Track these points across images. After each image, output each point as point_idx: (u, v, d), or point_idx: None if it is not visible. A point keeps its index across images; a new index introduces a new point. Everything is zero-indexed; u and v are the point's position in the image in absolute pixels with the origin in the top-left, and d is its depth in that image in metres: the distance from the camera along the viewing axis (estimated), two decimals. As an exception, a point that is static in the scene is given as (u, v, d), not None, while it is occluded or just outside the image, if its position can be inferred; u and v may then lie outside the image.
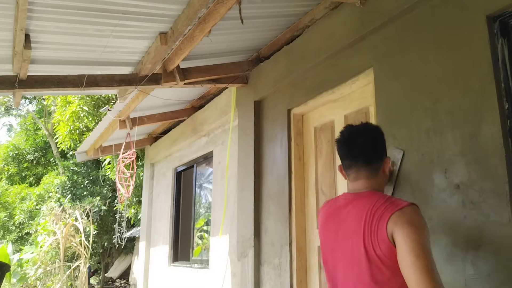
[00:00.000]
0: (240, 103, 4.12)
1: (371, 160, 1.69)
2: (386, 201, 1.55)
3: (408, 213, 1.48)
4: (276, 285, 3.31)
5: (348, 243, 1.60)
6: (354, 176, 1.72)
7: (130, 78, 3.50)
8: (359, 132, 1.75)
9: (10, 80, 3.16)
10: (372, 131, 1.77)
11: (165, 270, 6.07)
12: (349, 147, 1.74)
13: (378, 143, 1.75)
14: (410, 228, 1.43)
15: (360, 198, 1.64)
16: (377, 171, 1.70)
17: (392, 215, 1.48)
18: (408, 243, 1.41)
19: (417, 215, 1.49)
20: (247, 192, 3.78)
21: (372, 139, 1.73)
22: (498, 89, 1.89)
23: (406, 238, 1.42)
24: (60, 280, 8.07)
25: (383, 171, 1.72)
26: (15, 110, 20.46)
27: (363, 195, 1.65)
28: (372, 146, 1.72)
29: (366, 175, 1.69)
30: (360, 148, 1.71)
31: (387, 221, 1.48)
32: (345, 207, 1.68)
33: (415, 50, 2.29)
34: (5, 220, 15.27)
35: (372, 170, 1.69)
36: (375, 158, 1.70)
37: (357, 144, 1.71)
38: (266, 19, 3.14)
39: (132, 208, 9.48)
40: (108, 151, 6.47)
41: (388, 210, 1.50)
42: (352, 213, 1.63)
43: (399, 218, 1.46)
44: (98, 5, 2.52)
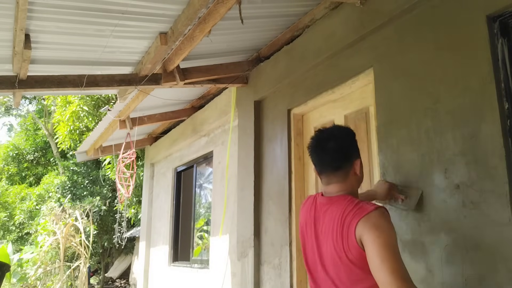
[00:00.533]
0: (240, 103, 4.12)
1: (340, 166, 1.73)
2: (355, 207, 1.60)
3: (373, 218, 1.53)
4: (276, 285, 3.31)
5: (324, 245, 1.68)
6: (326, 180, 1.77)
7: (130, 78, 3.50)
8: (327, 138, 1.78)
9: (10, 80, 3.16)
10: (341, 135, 1.79)
11: (165, 270, 6.07)
12: (318, 154, 1.78)
13: (347, 147, 1.77)
14: (375, 232, 1.49)
15: (332, 202, 1.70)
16: (347, 175, 1.73)
17: (359, 221, 1.54)
18: (374, 246, 1.47)
19: (382, 218, 1.54)
20: (247, 192, 3.78)
21: (341, 144, 1.76)
22: (498, 89, 1.89)
23: (373, 242, 1.48)
24: (60, 280, 8.07)
25: (354, 173, 1.75)
26: (15, 110, 20.47)
27: (335, 199, 1.71)
28: (340, 151, 1.75)
29: (337, 180, 1.73)
30: (328, 155, 1.75)
31: (355, 227, 1.54)
32: (321, 210, 1.75)
33: (415, 50, 2.29)
34: (5, 220, 15.27)
35: (342, 175, 1.73)
36: (344, 162, 1.74)
37: (325, 150, 1.76)
38: (266, 19, 3.14)
39: (132, 208, 9.48)
40: (108, 151, 6.47)
41: (356, 216, 1.56)
42: (327, 218, 1.70)
43: (365, 224, 1.52)
44: (98, 5, 2.52)
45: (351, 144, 1.80)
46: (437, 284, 2.02)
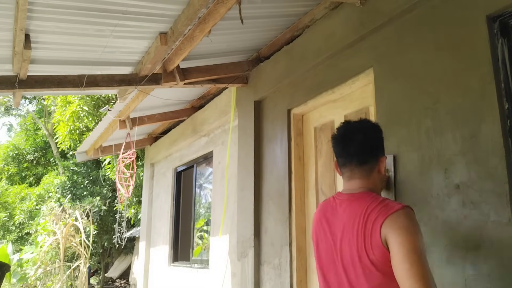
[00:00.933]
0: (240, 103, 4.12)
1: (366, 160, 1.66)
2: (380, 204, 1.52)
3: (401, 218, 1.45)
4: (276, 285, 3.31)
5: (343, 245, 1.58)
6: (348, 175, 1.69)
7: (130, 78, 3.50)
8: (356, 130, 1.71)
9: (10, 80, 3.16)
10: (369, 129, 1.73)
11: (165, 270, 6.08)
12: (345, 145, 1.70)
13: (375, 141, 1.71)
14: (404, 234, 1.41)
15: (354, 199, 1.61)
16: (372, 171, 1.67)
17: (386, 219, 1.46)
18: (402, 249, 1.39)
19: (410, 219, 1.47)
20: (247, 192, 3.78)
21: (369, 137, 1.69)
22: (498, 89, 1.89)
23: (400, 244, 1.40)
24: (60, 280, 8.07)
25: (379, 171, 1.69)
26: (15, 110, 20.47)
27: (357, 196, 1.62)
28: (368, 144, 1.67)
29: (361, 175, 1.66)
30: (356, 146, 1.67)
31: (381, 225, 1.46)
32: (340, 207, 1.66)
33: (415, 50, 2.29)
34: (5, 220, 15.27)
35: (367, 170, 1.66)
36: (371, 157, 1.67)
37: (352, 142, 1.68)
38: (266, 19, 3.14)
39: (132, 208, 9.49)
40: (108, 151, 6.47)
41: (382, 214, 1.48)
42: (346, 215, 1.60)
43: (392, 223, 1.44)
44: (98, 5, 2.52)
45: (379, 140, 1.74)
46: (437, 284, 2.02)
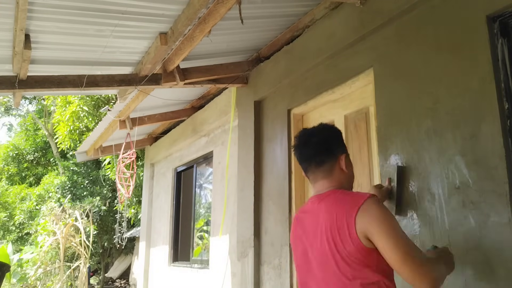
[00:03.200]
0: (240, 103, 4.12)
1: (323, 160, 1.70)
2: (347, 196, 1.59)
3: (372, 206, 1.51)
4: (276, 285, 3.31)
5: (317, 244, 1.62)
6: (312, 178, 1.75)
7: (130, 78, 3.51)
8: (311, 134, 1.77)
9: (10, 80, 3.16)
10: (324, 131, 1.78)
11: (165, 270, 6.07)
12: (302, 149, 1.77)
13: (330, 141, 1.75)
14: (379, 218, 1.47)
15: (322, 199, 1.67)
16: (332, 170, 1.70)
17: (358, 212, 1.50)
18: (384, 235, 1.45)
19: (378, 204, 1.53)
20: (247, 192, 3.78)
21: (323, 138, 1.74)
22: (498, 89, 1.89)
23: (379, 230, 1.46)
24: (60, 280, 8.07)
25: (340, 169, 1.71)
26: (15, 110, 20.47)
27: (324, 195, 1.67)
28: (323, 145, 1.72)
29: (323, 175, 1.71)
30: (311, 149, 1.73)
31: (355, 219, 1.50)
32: (311, 209, 1.71)
33: (415, 50, 2.29)
34: (5, 220, 15.27)
35: (327, 169, 1.70)
36: (327, 157, 1.71)
37: (308, 146, 1.74)
38: (266, 19, 3.14)
39: (132, 208, 9.48)
40: (108, 151, 6.47)
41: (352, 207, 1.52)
42: (316, 215, 1.65)
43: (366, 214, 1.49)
44: (98, 5, 2.52)
45: (335, 139, 1.77)
46: (437, 284, 2.02)
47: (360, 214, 1.49)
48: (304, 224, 1.72)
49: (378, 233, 1.46)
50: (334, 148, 1.74)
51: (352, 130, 2.94)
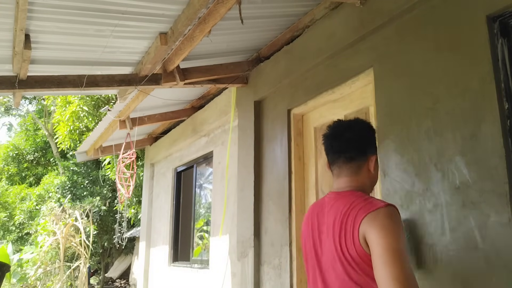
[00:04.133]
0: (240, 103, 4.12)
1: (353, 157, 1.63)
2: (362, 202, 1.50)
3: (381, 216, 1.42)
4: (276, 285, 3.31)
5: (326, 244, 1.58)
6: (337, 172, 1.68)
7: (130, 78, 3.51)
8: (346, 127, 1.70)
9: (10, 80, 3.16)
10: (359, 127, 1.71)
11: (165, 270, 6.08)
12: (333, 142, 1.69)
13: (364, 139, 1.68)
14: (381, 232, 1.38)
15: (340, 197, 1.60)
16: (360, 168, 1.64)
17: (365, 217, 1.43)
18: (378, 249, 1.37)
19: (391, 218, 1.43)
20: (247, 192, 3.78)
21: (357, 135, 1.67)
22: (498, 89, 1.89)
23: (377, 244, 1.38)
24: (60, 280, 8.07)
25: (368, 169, 1.65)
26: (15, 110, 20.47)
27: (343, 194, 1.60)
28: (356, 142, 1.65)
29: (348, 173, 1.64)
30: (343, 143, 1.66)
31: (360, 223, 1.44)
32: (327, 206, 1.65)
33: (415, 50, 2.29)
34: (5, 220, 15.27)
35: (354, 167, 1.63)
36: (358, 154, 1.64)
37: (341, 139, 1.67)
38: (266, 19, 3.14)
39: (132, 208, 9.49)
40: (108, 151, 6.47)
41: (362, 212, 1.46)
42: (331, 214, 1.59)
43: (371, 222, 1.42)
44: (98, 5, 2.52)
45: (369, 138, 1.70)
46: (437, 284, 2.02)
47: (366, 219, 1.43)
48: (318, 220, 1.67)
49: (375, 241, 1.38)
50: (367, 147, 1.67)
51: (352, 130, 2.94)
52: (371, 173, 1.67)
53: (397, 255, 1.34)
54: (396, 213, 1.46)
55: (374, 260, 1.38)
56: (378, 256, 1.36)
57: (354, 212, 1.48)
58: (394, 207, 1.48)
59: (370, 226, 1.41)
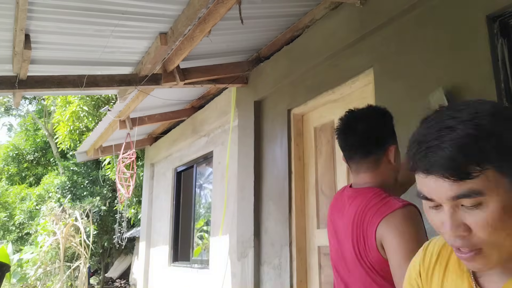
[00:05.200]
0: (240, 103, 4.12)
1: (370, 151, 1.49)
2: (379, 202, 1.39)
3: (398, 219, 1.31)
4: (276, 285, 3.31)
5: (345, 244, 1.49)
6: (355, 168, 1.54)
7: (130, 78, 3.51)
8: (358, 119, 1.54)
9: (10, 80, 3.16)
10: (373, 116, 1.55)
11: (165, 270, 6.07)
12: (347, 137, 1.55)
13: (380, 130, 1.53)
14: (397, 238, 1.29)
15: (358, 195, 1.49)
16: (379, 162, 1.50)
17: (382, 221, 1.33)
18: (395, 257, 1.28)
19: (409, 220, 1.32)
20: (247, 192, 3.78)
21: (372, 126, 1.52)
22: (498, 89, 1.89)
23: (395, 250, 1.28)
24: (60, 280, 8.07)
25: (388, 161, 1.51)
26: (15, 110, 20.47)
27: (360, 192, 1.49)
28: (371, 134, 1.50)
29: (367, 167, 1.50)
30: (358, 138, 1.51)
31: (376, 228, 1.34)
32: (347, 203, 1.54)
33: (415, 50, 2.29)
34: (5, 220, 15.27)
35: (373, 162, 1.50)
36: (376, 147, 1.50)
37: (355, 133, 1.52)
38: (266, 19, 3.14)
39: (132, 208, 9.48)
40: (108, 151, 6.47)
41: (378, 214, 1.35)
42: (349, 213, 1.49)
43: (388, 225, 1.31)
44: (98, 5, 2.52)
45: (386, 127, 1.55)
46: (437, 284, 2.02)
47: (382, 223, 1.32)
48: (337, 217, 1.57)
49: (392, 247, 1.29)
50: (385, 138, 1.53)
51: (352, 130, 2.94)
52: (392, 165, 1.53)
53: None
54: (414, 214, 1.35)
55: (392, 268, 1.29)
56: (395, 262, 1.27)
57: (370, 215, 1.38)
58: (413, 206, 1.37)
59: (386, 231, 1.31)
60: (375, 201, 1.41)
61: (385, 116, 1.58)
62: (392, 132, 1.58)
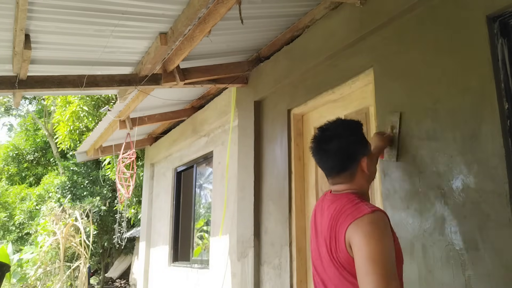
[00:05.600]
0: (240, 103, 4.12)
1: (344, 168, 1.62)
2: (351, 208, 1.50)
3: (366, 222, 1.42)
4: (276, 285, 3.31)
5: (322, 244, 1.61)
6: (332, 181, 1.68)
7: (130, 78, 3.51)
8: (329, 138, 1.64)
9: (10, 80, 3.16)
10: (342, 133, 1.65)
11: (165, 270, 6.08)
12: (321, 157, 1.67)
13: (351, 146, 1.63)
14: (364, 239, 1.39)
15: (335, 200, 1.62)
16: (354, 175, 1.63)
17: (351, 224, 1.44)
18: (360, 256, 1.38)
19: (376, 224, 1.42)
20: (247, 192, 3.78)
21: (343, 144, 1.62)
22: (498, 89, 1.89)
23: (359, 250, 1.38)
24: (60, 280, 8.07)
25: (362, 171, 1.63)
26: (15, 110, 20.47)
27: (338, 197, 1.61)
28: (343, 153, 1.62)
29: (343, 180, 1.64)
30: (331, 158, 1.63)
31: (346, 230, 1.45)
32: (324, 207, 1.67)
33: (415, 50, 2.29)
34: (5, 221, 15.27)
35: (348, 176, 1.63)
36: (349, 164, 1.62)
37: (327, 153, 1.64)
38: (266, 19, 3.14)
39: (132, 208, 9.48)
40: (108, 151, 6.47)
41: (349, 218, 1.47)
42: (326, 216, 1.61)
43: (356, 228, 1.42)
44: (98, 5, 2.52)
45: (356, 142, 1.65)
46: (437, 284, 2.02)
47: (351, 226, 1.44)
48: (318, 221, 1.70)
49: (357, 249, 1.39)
50: (356, 152, 1.64)
51: (352, 130, 2.94)
52: (366, 173, 1.65)
53: (379, 264, 1.34)
54: (382, 219, 1.45)
55: (357, 268, 1.39)
56: (361, 265, 1.37)
57: (342, 218, 1.50)
58: (381, 212, 1.48)
59: (354, 233, 1.42)
60: (348, 206, 1.53)
61: (353, 130, 1.68)
62: (363, 143, 1.68)
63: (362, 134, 1.70)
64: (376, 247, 1.37)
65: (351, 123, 1.72)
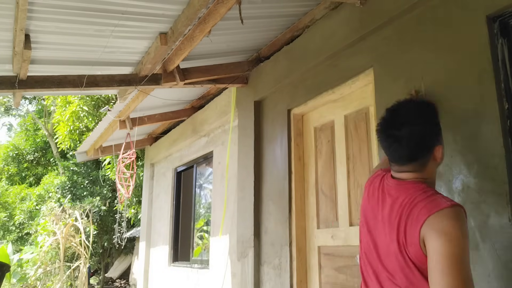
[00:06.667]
0: (240, 103, 4.12)
1: (416, 157, 1.45)
2: (427, 198, 1.37)
3: (444, 219, 1.30)
4: (276, 285, 3.31)
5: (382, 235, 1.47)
6: (397, 169, 1.51)
7: (130, 78, 3.51)
8: (401, 122, 1.47)
9: (10, 80, 3.16)
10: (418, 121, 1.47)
11: (165, 270, 6.07)
12: (390, 144, 1.49)
13: (427, 135, 1.46)
14: (442, 238, 1.27)
15: (402, 189, 1.46)
16: (425, 164, 1.47)
17: (428, 218, 1.31)
18: (436, 256, 1.27)
19: (455, 220, 1.29)
20: (247, 192, 3.78)
21: (417, 130, 1.45)
22: (498, 89, 1.89)
23: (435, 250, 1.28)
24: (60, 280, 8.07)
25: (434, 160, 1.48)
26: (15, 110, 20.47)
27: (405, 185, 1.46)
28: (418, 142, 1.45)
29: (412, 169, 1.47)
30: (403, 148, 1.45)
31: (421, 225, 1.32)
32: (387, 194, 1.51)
33: (415, 50, 2.29)
34: (5, 221, 15.27)
35: (418, 165, 1.47)
36: (422, 154, 1.46)
37: (399, 142, 1.46)
38: (266, 19, 3.14)
39: (132, 208, 9.48)
40: (108, 151, 6.47)
41: (424, 212, 1.33)
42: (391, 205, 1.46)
43: (433, 224, 1.30)
44: (98, 5, 2.52)
45: (432, 130, 1.49)
46: (437, 284, 2.02)
47: (428, 221, 1.31)
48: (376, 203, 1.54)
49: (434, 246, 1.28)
50: (431, 142, 1.48)
51: (352, 130, 2.94)
52: (437, 162, 1.51)
53: (456, 264, 1.25)
54: (461, 215, 1.33)
55: (430, 266, 1.29)
56: (436, 263, 1.26)
57: (416, 211, 1.36)
58: (460, 207, 1.35)
59: (431, 229, 1.30)
60: (422, 197, 1.38)
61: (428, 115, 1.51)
62: (437, 130, 1.52)
63: (436, 120, 1.54)
64: (455, 246, 1.26)
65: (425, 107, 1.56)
